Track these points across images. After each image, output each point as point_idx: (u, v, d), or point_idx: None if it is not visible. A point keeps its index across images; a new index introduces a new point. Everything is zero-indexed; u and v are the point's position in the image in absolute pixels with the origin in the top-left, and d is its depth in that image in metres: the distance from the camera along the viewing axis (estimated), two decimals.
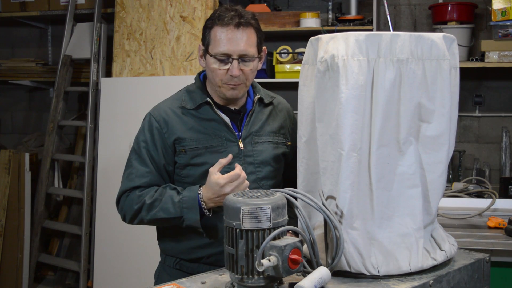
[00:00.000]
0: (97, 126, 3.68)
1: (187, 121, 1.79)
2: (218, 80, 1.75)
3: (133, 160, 1.81)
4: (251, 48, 1.73)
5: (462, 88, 1.57)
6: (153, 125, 1.80)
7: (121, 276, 3.46)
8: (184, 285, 1.31)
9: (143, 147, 1.80)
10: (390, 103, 1.33)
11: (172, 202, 1.69)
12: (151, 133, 1.80)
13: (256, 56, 1.76)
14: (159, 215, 1.71)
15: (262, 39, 1.80)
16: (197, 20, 3.45)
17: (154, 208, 1.71)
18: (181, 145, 1.77)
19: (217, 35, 1.72)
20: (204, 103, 1.80)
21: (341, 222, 1.31)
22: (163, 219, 1.72)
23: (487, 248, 2.09)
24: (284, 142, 1.88)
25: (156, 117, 1.80)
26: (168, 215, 1.70)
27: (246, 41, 1.72)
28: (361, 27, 3.53)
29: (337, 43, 1.31)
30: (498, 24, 3.21)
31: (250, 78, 1.78)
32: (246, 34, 1.72)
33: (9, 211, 3.87)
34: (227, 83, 1.75)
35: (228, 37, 1.70)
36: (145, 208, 1.73)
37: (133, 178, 1.78)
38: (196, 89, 1.84)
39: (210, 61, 1.75)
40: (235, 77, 1.72)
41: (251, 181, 1.78)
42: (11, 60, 4.35)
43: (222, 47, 1.71)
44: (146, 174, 1.78)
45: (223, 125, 1.79)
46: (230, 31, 1.70)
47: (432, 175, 1.39)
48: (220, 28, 1.71)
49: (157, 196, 1.72)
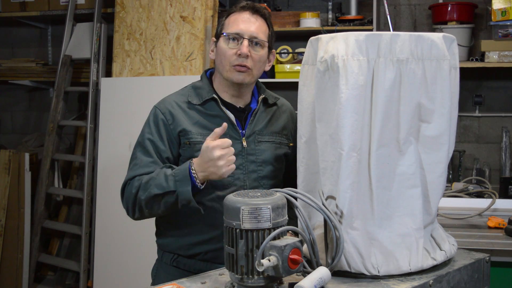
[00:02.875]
0: (97, 126, 3.68)
1: (192, 115, 1.81)
2: (227, 62, 1.79)
3: (137, 152, 1.81)
4: (262, 34, 1.81)
5: (462, 88, 1.57)
6: (159, 117, 1.81)
7: (121, 276, 3.46)
8: (184, 285, 1.31)
9: (147, 139, 1.80)
10: (390, 103, 1.33)
11: (165, 176, 1.68)
12: (156, 125, 1.81)
13: (266, 44, 1.82)
14: (153, 191, 1.68)
15: (273, 36, 1.88)
16: (197, 20, 3.45)
17: (149, 186, 1.70)
18: (186, 138, 1.78)
19: (232, 19, 1.82)
20: (210, 99, 1.82)
21: (341, 222, 1.31)
22: (158, 196, 1.68)
23: (487, 248, 2.09)
24: (286, 143, 1.90)
25: (162, 109, 1.82)
26: (161, 190, 1.67)
27: (259, 26, 1.81)
28: (361, 27, 3.54)
29: (337, 43, 1.31)
30: (498, 24, 3.21)
31: (257, 67, 1.82)
32: (259, 21, 1.82)
33: (9, 211, 3.88)
34: (235, 65, 1.78)
35: (242, 19, 1.81)
36: (142, 188, 1.72)
37: (137, 168, 1.78)
38: (203, 85, 1.86)
39: (221, 42, 1.81)
40: (244, 57, 1.77)
41: (252, 179, 1.80)
42: (11, 60, 4.35)
43: (235, 28, 1.79)
44: (150, 164, 1.77)
45: (228, 122, 1.80)
46: (245, 14, 1.82)
47: (432, 175, 1.39)
48: (237, 13, 1.83)
49: (153, 175, 1.72)
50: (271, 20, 1.87)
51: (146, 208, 1.73)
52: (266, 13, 1.85)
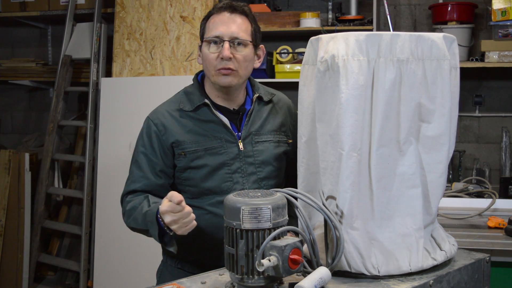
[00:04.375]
0: (97, 126, 3.68)
1: (185, 123, 1.79)
2: (211, 66, 1.76)
3: (132, 164, 1.85)
4: (244, 33, 1.76)
5: (462, 88, 1.57)
6: (152, 128, 1.80)
7: (121, 276, 3.46)
8: (184, 285, 1.31)
9: (140, 152, 1.81)
10: (390, 103, 1.33)
11: (142, 213, 1.69)
12: (149, 137, 1.80)
13: (249, 42, 1.77)
14: (131, 224, 1.74)
15: (257, 31, 1.82)
16: (197, 20, 3.45)
17: (130, 215, 1.74)
18: (180, 148, 1.77)
19: (211, 22, 1.78)
20: (202, 105, 1.80)
21: (341, 222, 1.31)
22: (136, 229, 1.74)
23: (487, 248, 2.09)
24: (285, 140, 1.87)
25: (154, 120, 1.81)
26: (137, 226, 1.71)
27: (239, 25, 1.76)
28: (361, 27, 3.53)
29: (337, 43, 1.31)
30: (498, 24, 3.21)
31: (243, 67, 1.77)
32: (239, 19, 1.77)
33: (9, 211, 3.87)
34: (219, 69, 1.75)
35: (221, 21, 1.76)
36: (126, 215, 1.78)
37: (130, 183, 1.82)
38: (194, 90, 1.84)
39: (204, 47, 1.78)
40: (226, 60, 1.73)
41: (251, 181, 1.78)
42: (11, 60, 4.35)
43: (215, 31, 1.75)
44: (141, 179, 1.79)
45: (222, 126, 1.78)
46: (223, 15, 1.76)
47: (432, 175, 1.39)
48: (215, 14, 1.78)
49: (135, 204, 1.74)
50: (253, 15, 1.82)
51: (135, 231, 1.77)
52: (247, 9, 1.80)
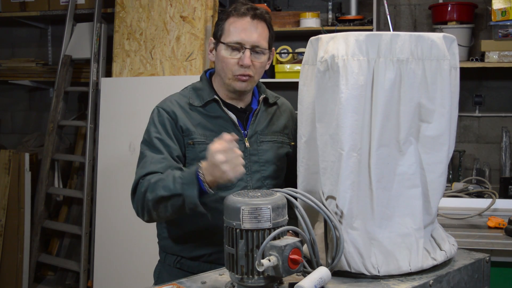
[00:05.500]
0: (97, 126, 3.68)
1: (194, 117, 1.79)
2: (229, 71, 1.76)
3: (146, 151, 1.74)
4: (264, 41, 1.77)
5: (462, 88, 1.57)
6: (164, 115, 1.77)
7: (121, 276, 3.46)
8: (184, 285, 1.31)
9: (155, 138, 1.74)
10: (390, 103, 1.33)
11: (173, 178, 1.59)
12: (162, 123, 1.76)
13: (267, 50, 1.79)
14: (160, 193, 1.59)
15: (273, 37, 1.84)
16: (197, 20, 3.45)
17: (157, 187, 1.61)
18: (189, 138, 1.76)
19: (232, 25, 1.76)
20: (211, 101, 1.81)
21: (341, 222, 1.32)
22: (164, 198, 1.59)
23: (487, 248, 2.09)
24: (288, 142, 1.89)
25: (165, 108, 1.79)
26: (168, 192, 1.58)
27: (260, 33, 1.76)
28: (361, 27, 3.53)
29: (337, 43, 1.31)
30: (498, 24, 3.21)
31: (259, 73, 1.80)
32: (260, 27, 1.77)
33: (9, 211, 3.87)
34: (237, 75, 1.75)
35: (243, 27, 1.74)
36: (150, 188, 1.63)
37: (147, 165, 1.69)
38: (203, 87, 1.85)
39: (222, 50, 1.77)
40: (246, 67, 1.74)
41: (255, 179, 1.79)
42: (11, 60, 4.35)
43: (236, 36, 1.74)
44: (162, 160, 1.69)
45: (230, 123, 1.80)
46: (246, 21, 1.75)
47: (432, 175, 1.39)
48: (236, 18, 1.76)
49: (162, 176, 1.63)
50: (270, 20, 1.83)
51: (154, 210, 1.64)
52: (267, 17, 1.80)
